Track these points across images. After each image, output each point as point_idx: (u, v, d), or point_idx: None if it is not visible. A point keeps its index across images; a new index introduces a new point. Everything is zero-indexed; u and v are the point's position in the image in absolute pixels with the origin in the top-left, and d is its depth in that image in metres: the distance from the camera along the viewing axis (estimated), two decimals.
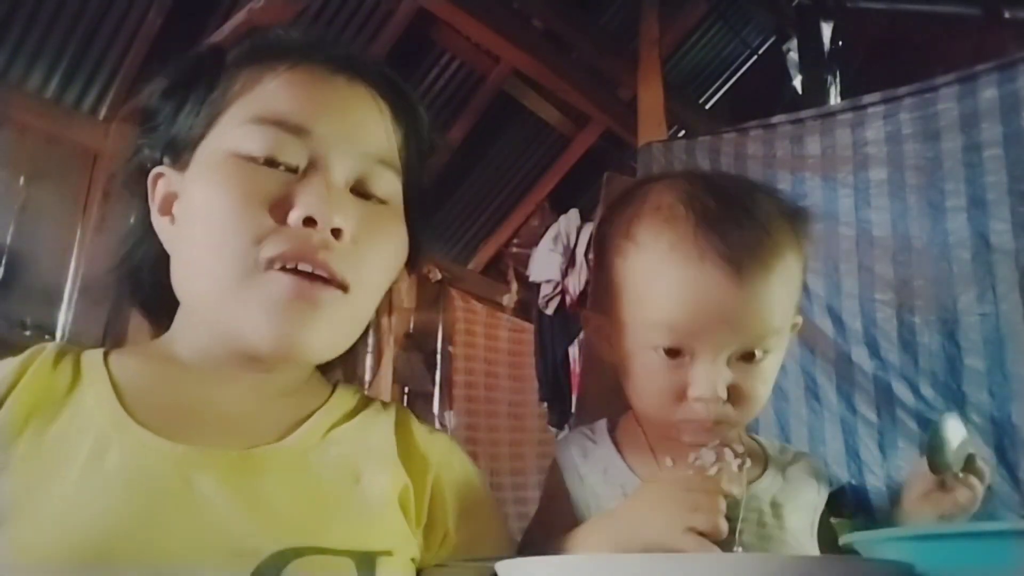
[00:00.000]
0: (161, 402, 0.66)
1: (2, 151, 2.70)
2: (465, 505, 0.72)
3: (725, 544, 0.66)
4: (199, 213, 0.65)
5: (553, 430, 3.74)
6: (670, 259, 0.75)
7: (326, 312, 0.64)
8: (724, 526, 0.64)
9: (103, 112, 2.94)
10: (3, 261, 2.65)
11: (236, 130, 0.66)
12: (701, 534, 0.63)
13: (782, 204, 0.79)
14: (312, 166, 0.66)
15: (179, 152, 0.69)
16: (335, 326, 0.66)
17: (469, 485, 0.75)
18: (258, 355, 0.65)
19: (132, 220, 0.75)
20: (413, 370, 3.84)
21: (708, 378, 0.73)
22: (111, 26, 2.78)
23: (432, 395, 3.98)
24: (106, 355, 0.69)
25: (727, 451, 0.74)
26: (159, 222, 0.70)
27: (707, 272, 0.73)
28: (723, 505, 0.66)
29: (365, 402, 0.76)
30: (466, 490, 0.74)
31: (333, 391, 0.76)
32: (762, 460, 0.82)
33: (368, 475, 0.67)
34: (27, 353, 0.67)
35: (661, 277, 0.75)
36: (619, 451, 0.81)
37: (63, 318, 2.75)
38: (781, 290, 0.75)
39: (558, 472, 0.82)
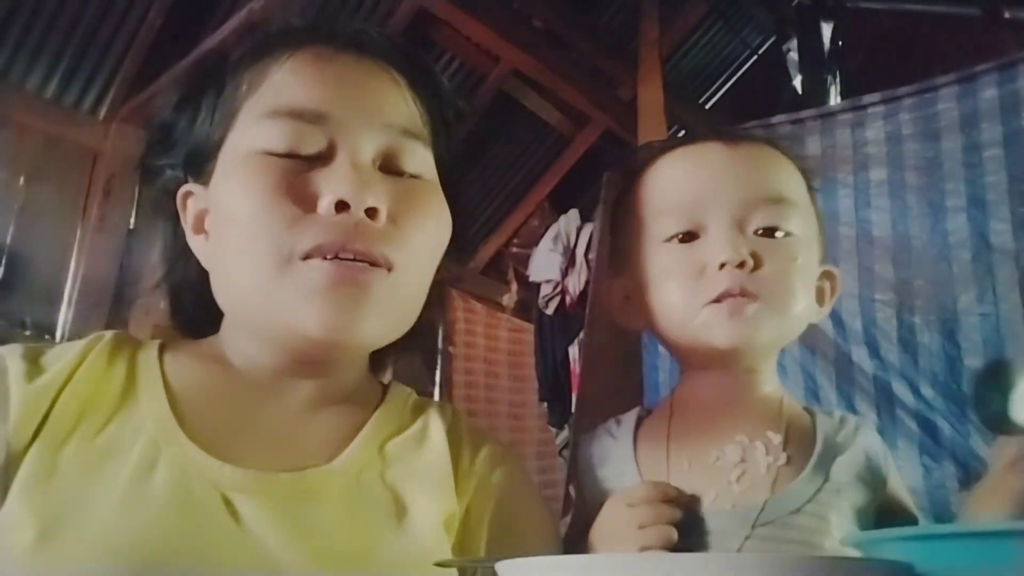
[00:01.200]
0: (212, 413, 0.64)
1: (2, 151, 2.70)
2: (503, 528, 0.69)
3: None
4: (228, 217, 0.63)
5: (553, 430, 3.74)
6: (666, 157, 0.78)
7: (373, 293, 0.61)
8: (670, 535, 0.62)
9: (103, 112, 2.94)
10: (3, 261, 2.65)
11: (252, 128, 0.64)
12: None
13: (780, 144, 0.81)
14: (334, 149, 0.63)
15: (201, 164, 0.67)
16: (385, 307, 0.63)
17: (510, 509, 0.71)
18: (310, 346, 0.62)
19: (165, 243, 0.72)
20: (412, 370, 3.84)
21: (726, 242, 0.69)
22: (111, 26, 2.78)
23: (432, 395, 3.98)
24: (161, 350, 0.68)
25: (759, 445, 0.69)
26: (194, 242, 0.68)
27: (699, 147, 0.76)
28: (672, 514, 0.63)
29: (419, 407, 0.73)
30: (506, 515, 0.70)
31: (385, 392, 0.73)
32: (808, 446, 0.71)
33: (420, 503, 0.64)
34: (86, 342, 0.65)
35: (662, 173, 0.77)
36: (635, 453, 0.75)
37: (63, 318, 2.75)
38: (780, 169, 0.76)
39: (577, 472, 0.79)
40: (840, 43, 3.70)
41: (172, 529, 0.56)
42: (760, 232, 0.71)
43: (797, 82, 3.82)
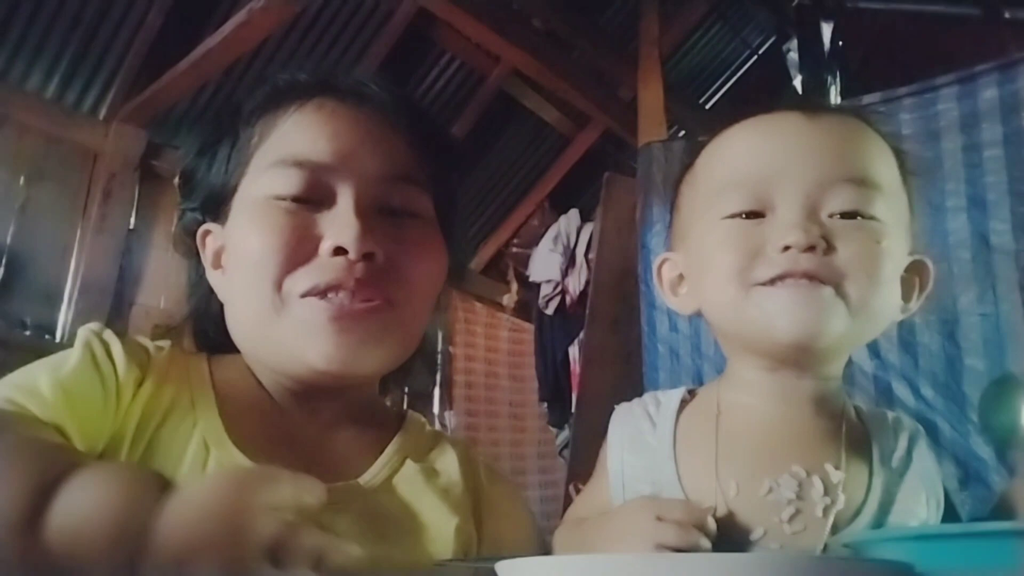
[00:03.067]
0: (251, 425, 0.68)
1: (2, 151, 2.70)
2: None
3: None
4: (237, 257, 0.69)
5: (553, 430, 3.75)
6: (742, 127, 0.68)
7: (372, 326, 0.66)
8: (700, 541, 0.56)
9: (103, 112, 2.94)
10: (3, 261, 2.65)
11: (262, 176, 0.69)
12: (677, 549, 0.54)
13: (879, 126, 0.69)
14: (337, 196, 0.68)
15: (218, 206, 0.73)
16: (384, 340, 0.68)
17: (519, 545, 0.73)
18: (317, 376, 0.67)
19: (189, 279, 0.78)
20: (413, 370, 3.84)
21: (794, 224, 0.60)
22: (111, 26, 2.78)
23: (432, 395, 3.98)
24: (209, 362, 0.72)
25: (816, 482, 0.59)
26: (213, 276, 0.74)
27: (774, 118, 0.66)
28: (699, 543, 0.56)
29: (434, 439, 0.78)
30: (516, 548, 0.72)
31: (404, 419, 0.78)
32: (866, 474, 0.62)
33: (435, 526, 0.69)
34: (141, 348, 0.68)
35: (731, 143, 0.68)
36: (675, 451, 0.66)
37: (63, 318, 2.75)
38: (868, 146, 0.65)
39: (602, 449, 0.71)
40: (840, 43, 3.70)
41: None
42: (837, 216, 0.61)
43: (797, 82, 3.82)
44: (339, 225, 0.66)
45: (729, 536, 0.59)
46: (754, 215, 0.63)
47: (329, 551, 0.42)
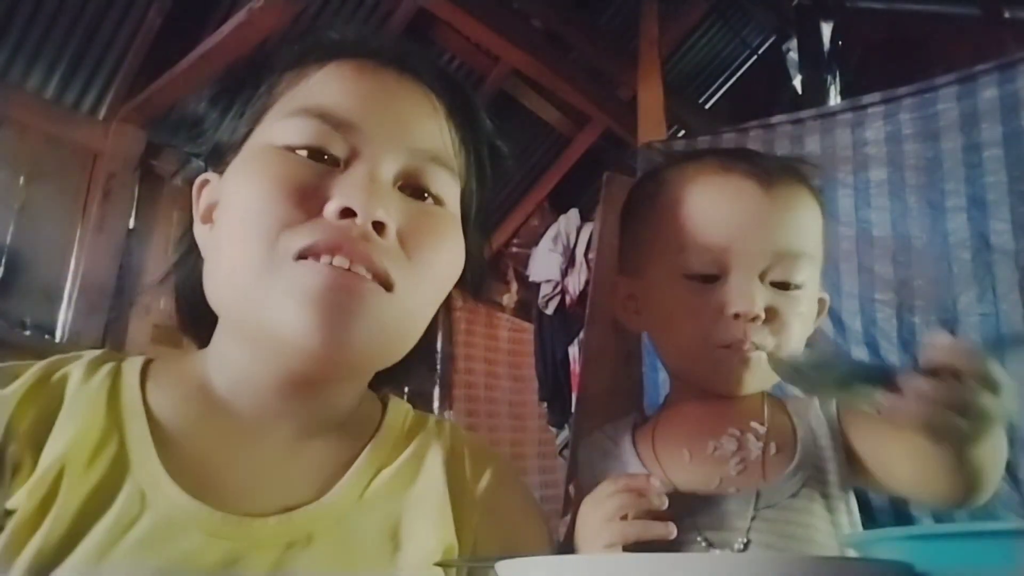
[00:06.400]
0: (197, 451, 0.60)
1: (2, 151, 2.70)
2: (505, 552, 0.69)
3: (722, 547, 0.65)
4: (231, 205, 0.61)
5: (553, 430, 3.74)
6: (698, 181, 0.78)
7: (368, 307, 0.57)
8: (643, 529, 0.63)
9: (103, 112, 2.94)
10: (3, 261, 2.65)
11: (277, 124, 0.62)
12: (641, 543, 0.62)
13: (805, 172, 0.82)
14: (355, 159, 0.61)
15: (223, 156, 0.65)
16: (379, 326, 0.58)
17: (513, 533, 0.69)
18: (298, 356, 0.58)
19: (177, 235, 0.71)
20: (409, 373, 3.83)
21: (745, 292, 0.73)
22: (111, 26, 2.77)
23: (432, 395, 3.98)
24: (144, 373, 0.64)
25: (749, 436, 0.73)
26: (200, 230, 0.66)
27: (735, 183, 0.76)
28: (642, 504, 0.64)
29: (416, 428, 0.71)
30: (510, 539, 0.68)
31: (383, 415, 0.70)
32: (789, 434, 0.77)
33: (414, 536, 0.62)
34: (43, 369, 0.61)
35: (690, 200, 0.77)
36: (637, 453, 0.79)
37: (63, 318, 2.75)
38: (807, 216, 0.77)
39: (576, 473, 0.84)
40: (840, 43, 3.70)
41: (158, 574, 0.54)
42: (776, 283, 0.75)
43: (797, 82, 3.82)
44: (351, 186, 0.58)
45: (695, 491, 0.72)
46: (712, 277, 0.75)
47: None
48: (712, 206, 0.76)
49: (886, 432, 0.70)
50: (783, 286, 0.75)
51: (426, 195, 0.64)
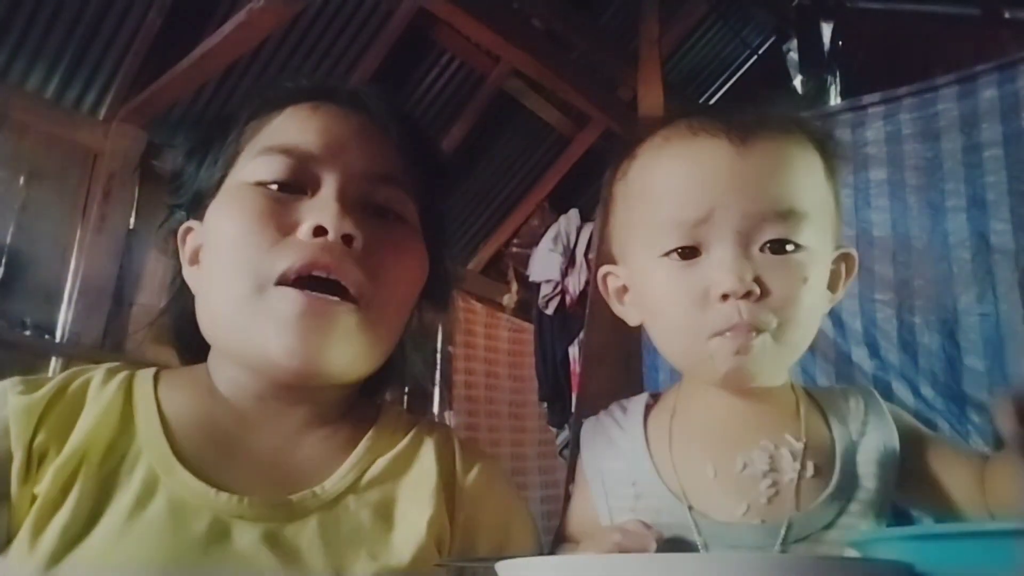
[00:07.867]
0: (205, 442, 0.67)
1: (2, 151, 2.70)
2: (494, 546, 0.71)
3: None
4: (215, 244, 0.69)
5: (553, 430, 3.74)
6: (665, 149, 0.69)
7: (341, 326, 0.65)
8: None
9: (103, 112, 2.94)
10: (3, 261, 2.65)
11: (248, 164, 0.70)
12: None
13: (805, 122, 0.71)
14: (320, 185, 0.68)
15: (203, 201, 0.72)
16: (350, 341, 0.66)
17: (502, 527, 0.73)
18: (283, 374, 0.66)
19: (170, 279, 0.78)
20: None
21: (727, 266, 0.63)
22: (111, 26, 2.77)
23: (432, 395, 3.98)
24: (156, 378, 0.71)
25: (784, 453, 0.64)
26: (188, 272, 0.73)
27: (701, 144, 0.66)
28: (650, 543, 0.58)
29: (409, 425, 0.76)
30: (499, 533, 0.73)
31: (379, 414, 0.76)
32: (827, 448, 0.67)
33: (407, 522, 0.67)
34: (66, 377, 0.67)
35: (658, 169, 0.69)
36: (650, 455, 0.69)
37: (63, 318, 2.75)
38: (799, 170, 0.67)
39: (578, 464, 0.75)
40: (840, 43, 3.70)
41: (170, 556, 0.59)
42: (768, 246, 0.64)
43: (797, 82, 3.82)
44: (320, 207, 0.66)
45: (716, 516, 0.64)
46: (690, 252, 0.65)
47: None
48: (680, 172, 0.67)
49: (958, 454, 0.67)
50: (778, 250, 0.64)
51: (388, 214, 0.71)
